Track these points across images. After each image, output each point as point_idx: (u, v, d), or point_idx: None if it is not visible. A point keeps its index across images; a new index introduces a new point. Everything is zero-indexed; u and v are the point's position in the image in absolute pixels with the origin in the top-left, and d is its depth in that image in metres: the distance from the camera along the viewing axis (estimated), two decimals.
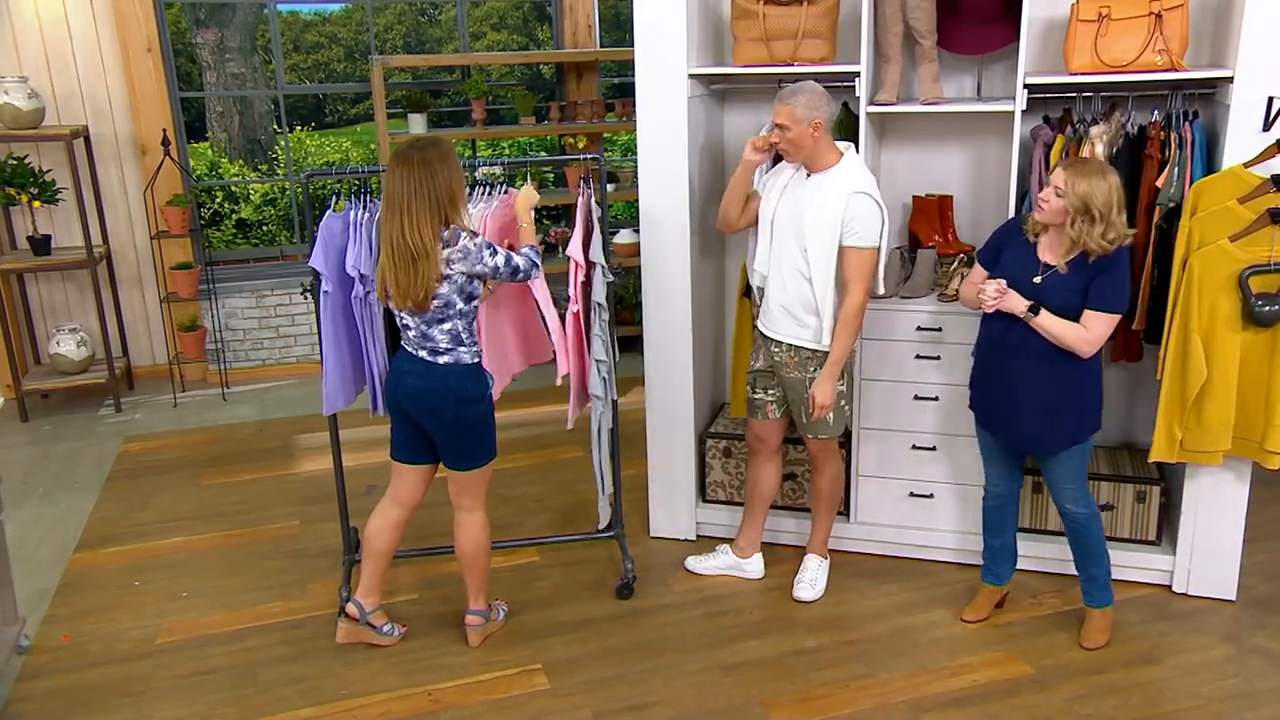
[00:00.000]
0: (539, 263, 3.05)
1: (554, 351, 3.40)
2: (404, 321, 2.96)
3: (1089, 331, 2.88)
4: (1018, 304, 2.94)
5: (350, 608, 3.25)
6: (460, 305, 2.91)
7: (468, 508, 3.14)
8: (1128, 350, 3.48)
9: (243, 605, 3.55)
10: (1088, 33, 3.20)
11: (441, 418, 2.97)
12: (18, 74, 5.19)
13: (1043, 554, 3.56)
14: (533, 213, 3.21)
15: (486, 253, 2.88)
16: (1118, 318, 2.90)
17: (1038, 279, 2.95)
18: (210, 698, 3.05)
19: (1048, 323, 2.90)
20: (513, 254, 2.96)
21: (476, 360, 3.00)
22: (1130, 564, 3.50)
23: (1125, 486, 3.49)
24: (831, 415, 3.27)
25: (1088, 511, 3.10)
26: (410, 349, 2.98)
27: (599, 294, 3.33)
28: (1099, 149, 3.26)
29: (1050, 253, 2.96)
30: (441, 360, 2.94)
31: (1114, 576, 3.48)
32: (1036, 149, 3.36)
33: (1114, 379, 3.78)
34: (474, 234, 2.88)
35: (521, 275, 2.99)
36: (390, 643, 3.27)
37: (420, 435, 3.06)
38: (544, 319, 3.37)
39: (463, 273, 2.87)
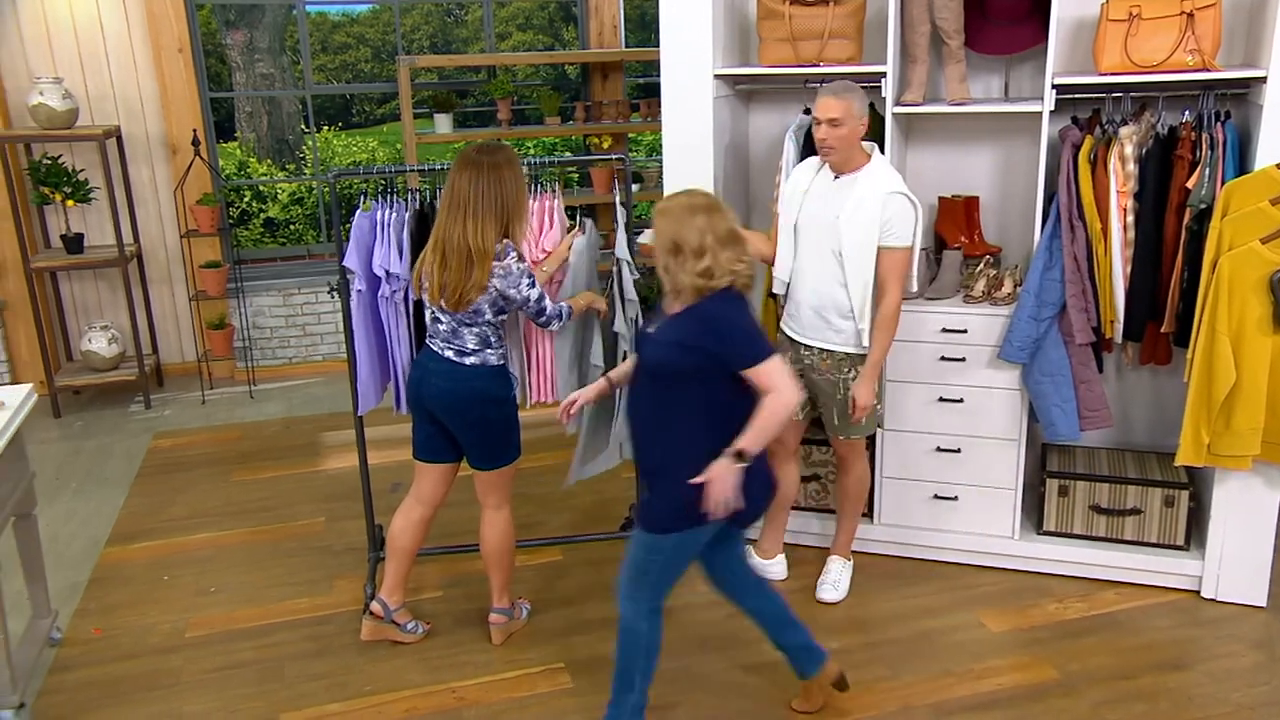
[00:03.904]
0: (564, 321, 3.09)
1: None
2: (435, 315, 2.98)
3: (768, 395, 2.40)
4: (727, 474, 2.41)
5: (375, 606, 3.27)
6: (489, 315, 2.93)
7: (493, 505, 3.16)
8: (1156, 353, 3.45)
9: (269, 601, 3.58)
10: (1118, 32, 3.17)
11: (466, 418, 2.99)
12: (52, 74, 5.26)
13: (1067, 557, 3.53)
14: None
15: (525, 281, 2.91)
16: (775, 361, 2.42)
17: (651, 329, 2.56)
18: (237, 692, 3.09)
19: (741, 443, 2.40)
20: (546, 298, 2.99)
21: (502, 362, 3.02)
22: (1158, 569, 3.46)
23: (1153, 490, 3.46)
24: (864, 416, 3.26)
25: (629, 617, 2.59)
26: (436, 347, 2.99)
27: (629, 291, 3.34)
28: (1128, 149, 3.23)
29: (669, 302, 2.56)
30: (468, 361, 2.96)
31: (1143, 582, 3.48)
32: (1065, 150, 3.33)
33: (1142, 382, 3.75)
34: (522, 258, 2.91)
35: (543, 320, 3.03)
36: (414, 640, 3.29)
37: (443, 434, 3.08)
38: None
39: (497, 289, 2.89)
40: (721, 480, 2.40)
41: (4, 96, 5.27)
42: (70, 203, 5.19)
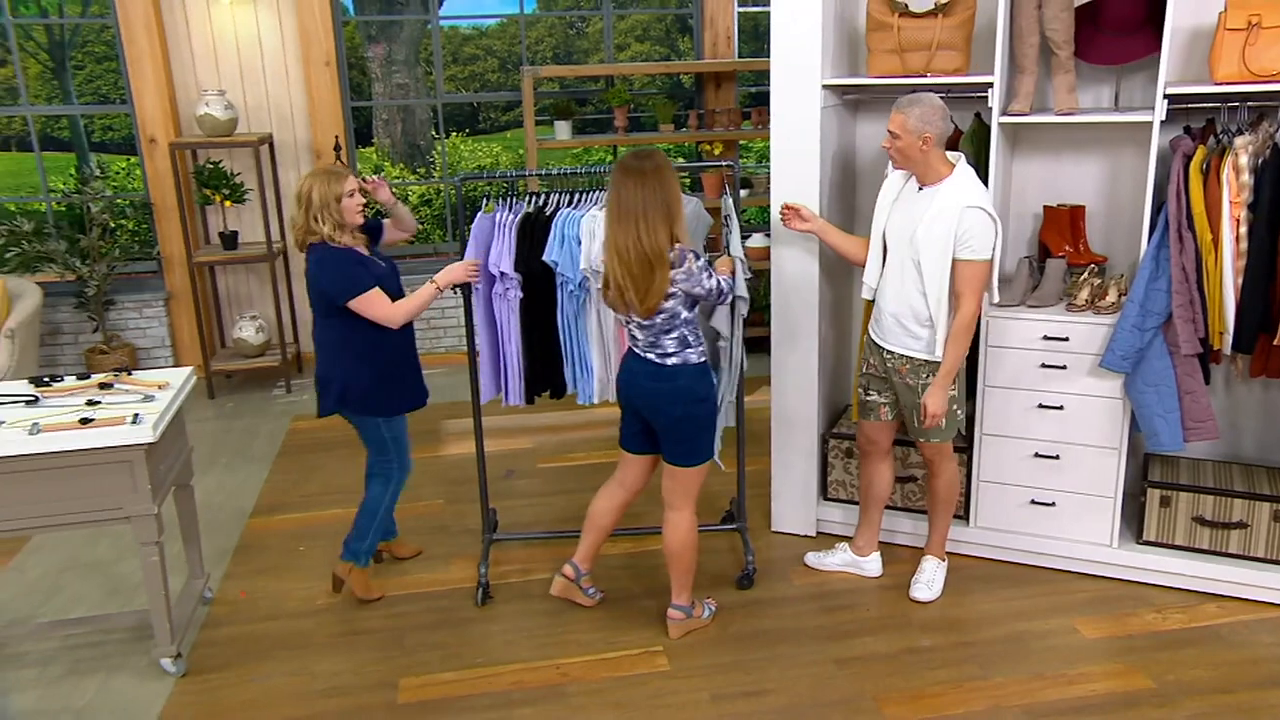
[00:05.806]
0: (727, 292, 3.15)
1: None
2: (632, 333, 3.14)
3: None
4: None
5: (567, 569, 3.50)
6: (685, 314, 3.06)
7: (678, 506, 3.26)
8: (1269, 366, 3.38)
9: (392, 575, 3.85)
10: (1235, 41, 3.13)
11: (670, 415, 3.13)
12: (217, 87, 5.75)
13: (1168, 568, 3.50)
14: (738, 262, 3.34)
15: (704, 275, 3.03)
16: None
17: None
18: (362, 656, 3.35)
19: None
20: (720, 279, 3.09)
21: (703, 359, 3.14)
22: (1264, 584, 3.40)
23: (1262, 505, 3.39)
24: (944, 421, 3.32)
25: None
26: (639, 351, 3.14)
27: (740, 289, 3.44)
28: (1243, 160, 3.18)
29: None
30: (670, 362, 3.09)
31: (1248, 597, 3.43)
32: (1176, 160, 3.30)
33: (1253, 395, 3.67)
34: (697, 255, 3.03)
35: (721, 300, 3.14)
36: (591, 603, 3.53)
37: (647, 430, 3.25)
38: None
39: (683, 291, 3.02)
40: None
41: (176, 108, 5.80)
42: (228, 203, 5.66)
